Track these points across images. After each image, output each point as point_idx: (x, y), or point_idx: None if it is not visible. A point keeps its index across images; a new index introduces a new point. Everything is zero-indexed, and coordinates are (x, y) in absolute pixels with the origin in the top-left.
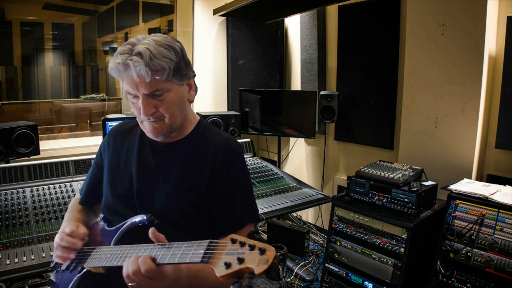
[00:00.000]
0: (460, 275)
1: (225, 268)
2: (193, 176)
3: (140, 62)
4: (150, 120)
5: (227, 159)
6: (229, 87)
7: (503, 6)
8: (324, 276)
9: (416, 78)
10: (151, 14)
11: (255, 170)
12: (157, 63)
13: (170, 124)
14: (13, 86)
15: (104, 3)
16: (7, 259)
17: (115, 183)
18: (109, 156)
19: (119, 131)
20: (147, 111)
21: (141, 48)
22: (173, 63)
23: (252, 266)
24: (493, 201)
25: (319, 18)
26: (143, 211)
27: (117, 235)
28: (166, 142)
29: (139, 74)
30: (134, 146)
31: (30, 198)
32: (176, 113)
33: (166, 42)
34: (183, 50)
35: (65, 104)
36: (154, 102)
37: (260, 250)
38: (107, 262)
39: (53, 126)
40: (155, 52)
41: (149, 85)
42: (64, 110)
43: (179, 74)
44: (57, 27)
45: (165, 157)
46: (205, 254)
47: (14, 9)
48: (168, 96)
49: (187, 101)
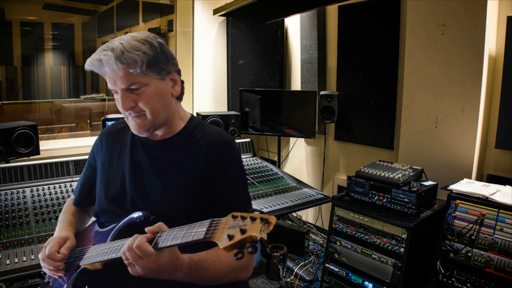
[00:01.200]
0: (460, 275)
1: (228, 240)
2: (186, 173)
3: (111, 56)
4: (132, 116)
5: (219, 153)
6: (229, 87)
7: (503, 6)
8: (324, 276)
9: (416, 78)
10: (151, 14)
11: (255, 170)
12: (128, 56)
13: (152, 120)
14: (13, 86)
15: (104, 3)
16: (7, 259)
17: (108, 185)
18: (102, 157)
19: (111, 132)
20: (125, 105)
21: (115, 44)
22: (146, 56)
23: (255, 234)
24: (493, 201)
25: (319, 18)
26: (137, 212)
27: (113, 231)
28: (157, 140)
29: (112, 69)
30: (127, 146)
31: (30, 198)
32: (157, 107)
33: (143, 37)
34: (163, 45)
35: (65, 104)
36: (132, 97)
37: (262, 220)
38: (104, 256)
39: (53, 126)
40: (127, 46)
41: (125, 79)
42: (64, 110)
43: (157, 67)
44: (57, 27)
45: (158, 155)
46: (208, 231)
47: (14, 9)
48: (146, 90)
49: (170, 96)
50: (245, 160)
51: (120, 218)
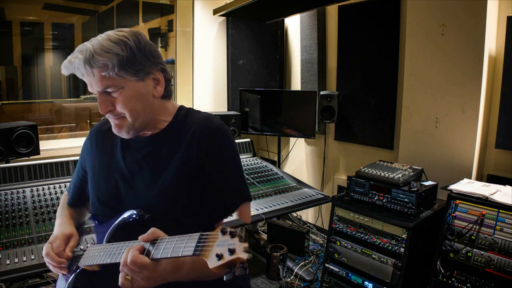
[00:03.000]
0: (460, 275)
1: (217, 259)
2: (180, 164)
3: (80, 59)
4: (111, 117)
5: (211, 140)
6: (229, 87)
7: (503, 6)
8: (324, 276)
9: (416, 78)
10: (151, 14)
11: (255, 170)
12: (97, 59)
13: (132, 122)
14: (13, 86)
15: (104, 3)
16: (7, 259)
17: (100, 187)
18: (92, 158)
19: (100, 131)
20: (103, 108)
21: (87, 45)
22: (118, 57)
23: (243, 256)
24: (493, 201)
25: (319, 18)
26: (132, 209)
27: (108, 232)
28: (147, 136)
29: (82, 73)
30: (117, 146)
31: (30, 198)
32: (137, 109)
33: (118, 37)
34: (140, 43)
35: (65, 104)
36: (110, 99)
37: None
38: (100, 259)
39: (53, 126)
40: (97, 48)
41: (99, 82)
42: (64, 110)
43: (132, 69)
44: (57, 27)
45: (149, 151)
46: (197, 247)
47: (14, 9)
48: (123, 93)
49: (152, 97)
50: (245, 160)
51: (114, 217)
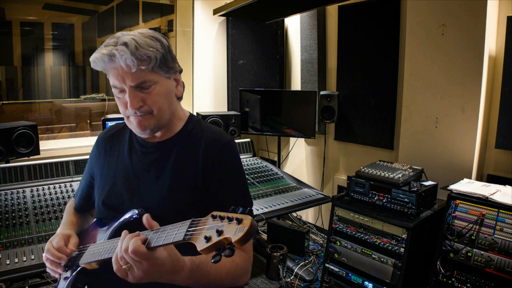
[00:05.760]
0: (460, 275)
1: (205, 242)
2: (186, 174)
3: (126, 51)
4: (137, 115)
5: (218, 154)
6: (229, 87)
7: (503, 6)
8: (324, 276)
9: (416, 78)
10: (151, 14)
11: (255, 170)
12: (143, 52)
13: (158, 119)
14: (13, 86)
15: (104, 3)
16: (7, 259)
17: (106, 192)
18: (100, 165)
19: (107, 137)
20: (134, 104)
21: (127, 39)
22: (159, 53)
23: (230, 235)
24: (493, 201)
25: (319, 18)
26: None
27: (110, 232)
28: (156, 141)
29: (126, 64)
30: (124, 151)
31: (30, 198)
32: (164, 107)
33: (151, 34)
34: (169, 44)
35: (65, 104)
36: (141, 95)
37: (237, 220)
38: (99, 256)
39: (53, 126)
40: (140, 42)
41: (136, 76)
42: (64, 110)
43: (166, 66)
44: (57, 27)
45: (157, 157)
46: (187, 232)
47: (14, 9)
48: (156, 89)
49: (174, 96)
50: (245, 160)
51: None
